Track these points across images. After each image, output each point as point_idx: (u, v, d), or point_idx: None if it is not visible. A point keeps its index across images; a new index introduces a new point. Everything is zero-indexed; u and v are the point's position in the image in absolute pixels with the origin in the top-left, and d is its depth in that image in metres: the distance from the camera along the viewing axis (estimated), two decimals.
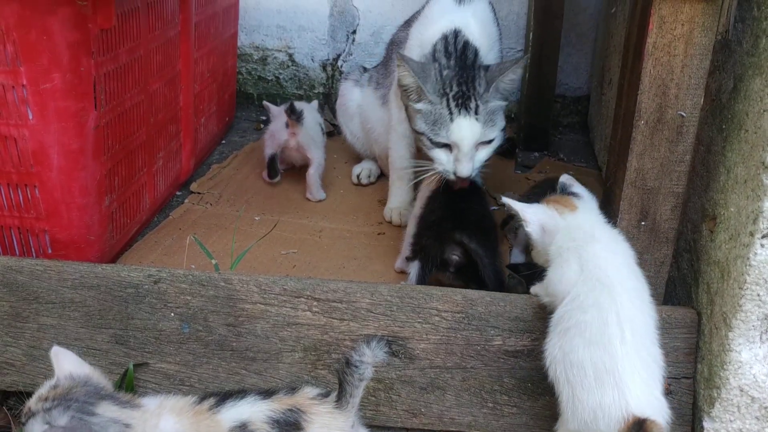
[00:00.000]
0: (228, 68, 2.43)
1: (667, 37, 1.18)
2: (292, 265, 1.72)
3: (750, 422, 1.19)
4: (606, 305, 1.07)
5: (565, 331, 1.09)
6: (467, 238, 1.47)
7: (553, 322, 1.13)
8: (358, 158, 2.30)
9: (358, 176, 2.20)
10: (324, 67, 2.81)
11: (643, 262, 1.31)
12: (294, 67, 2.82)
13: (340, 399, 1.08)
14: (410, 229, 1.66)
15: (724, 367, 1.18)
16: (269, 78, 2.84)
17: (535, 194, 1.71)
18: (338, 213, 2.01)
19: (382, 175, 2.23)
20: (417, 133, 1.63)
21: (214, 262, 1.54)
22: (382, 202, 2.07)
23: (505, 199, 1.25)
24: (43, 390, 1.04)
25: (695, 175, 1.36)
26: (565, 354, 1.08)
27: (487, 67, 1.60)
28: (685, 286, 1.37)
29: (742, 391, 1.18)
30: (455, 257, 1.48)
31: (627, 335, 1.05)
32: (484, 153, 1.59)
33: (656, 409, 1.04)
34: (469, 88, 1.56)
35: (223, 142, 2.49)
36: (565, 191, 1.29)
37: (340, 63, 2.79)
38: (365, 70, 2.23)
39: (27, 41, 1.32)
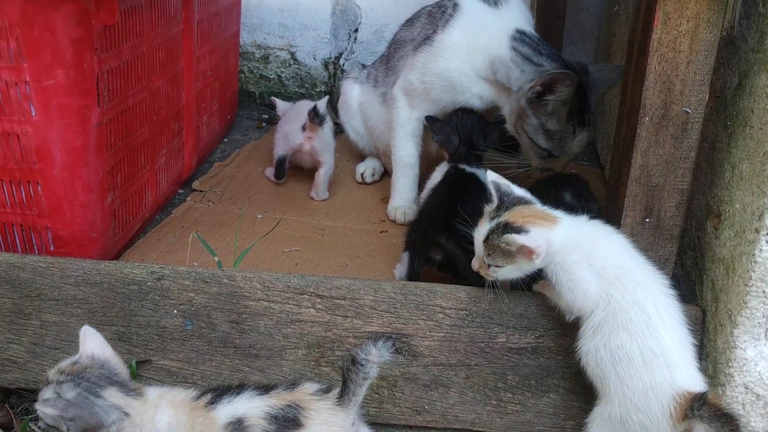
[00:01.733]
0: (230, 66, 2.43)
1: (672, 33, 1.17)
2: (294, 263, 1.71)
3: (755, 420, 1.19)
4: (643, 299, 1.11)
5: (610, 332, 1.12)
6: (445, 240, 1.47)
7: (591, 328, 1.14)
8: (360, 156, 2.29)
9: (362, 175, 2.20)
10: (326, 66, 2.81)
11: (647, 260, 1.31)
12: (296, 66, 2.82)
13: (343, 396, 1.08)
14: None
15: (729, 364, 1.18)
16: (271, 76, 2.84)
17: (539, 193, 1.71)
18: (341, 211, 2.01)
19: (386, 173, 2.23)
20: (538, 148, 1.65)
21: (216, 259, 1.54)
22: (385, 200, 2.07)
23: (514, 237, 1.15)
24: (64, 363, 1.10)
25: (699, 172, 1.35)
26: (613, 352, 1.11)
27: (586, 70, 1.62)
28: (690, 284, 1.36)
29: (747, 388, 1.18)
30: (437, 257, 1.50)
31: (666, 320, 1.11)
32: None
33: (698, 383, 1.09)
34: (584, 101, 1.59)
35: (225, 140, 2.49)
36: (510, 197, 1.23)
37: (342, 61, 2.79)
38: (363, 67, 2.23)
39: (30, 37, 1.32)
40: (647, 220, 1.29)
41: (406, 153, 1.88)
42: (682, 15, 1.16)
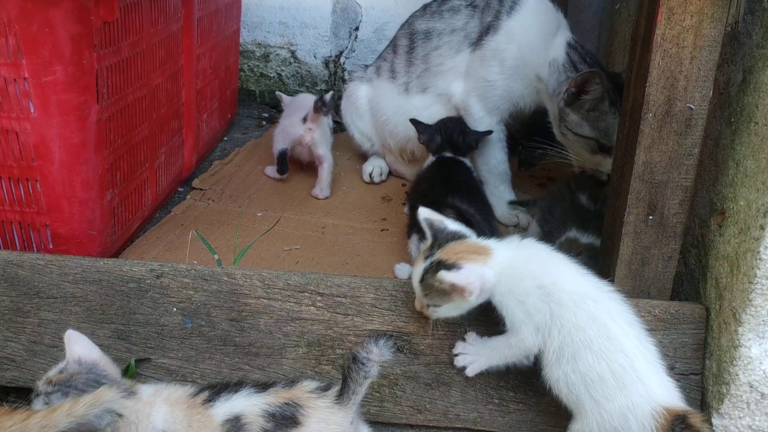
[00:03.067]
0: (230, 65, 2.42)
1: (675, 28, 1.16)
2: (295, 261, 1.70)
3: (760, 418, 1.18)
4: (597, 312, 1.09)
5: (573, 355, 1.08)
6: (458, 201, 1.55)
7: (552, 355, 1.10)
8: (362, 156, 2.29)
9: (370, 174, 2.19)
10: (326, 64, 2.80)
11: (650, 257, 1.30)
12: (296, 64, 2.81)
13: (342, 395, 1.07)
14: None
15: (734, 362, 1.17)
16: (271, 75, 2.83)
17: (554, 204, 1.70)
18: (341, 209, 2.00)
19: (390, 174, 2.23)
20: (585, 139, 1.73)
21: (216, 257, 1.53)
22: (386, 198, 2.07)
23: (444, 275, 1.10)
24: (51, 372, 1.08)
25: (703, 170, 1.34)
26: (583, 375, 1.07)
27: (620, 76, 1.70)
28: (693, 282, 1.35)
29: (751, 387, 1.17)
30: (452, 218, 1.51)
31: (625, 329, 1.09)
32: None
33: (671, 391, 1.07)
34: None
35: (225, 138, 2.48)
36: (443, 233, 1.18)
37: (342, 60, 2.79)
38: (366, 67, 2.22)
39: (29, 33, 1.31)
40: (650, 217, 1.28)
41: (497, 161, 1.90)
42: (686, 10, 1.15)
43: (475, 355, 1.22)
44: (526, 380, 1.27)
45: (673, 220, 1.27)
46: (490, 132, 1.87)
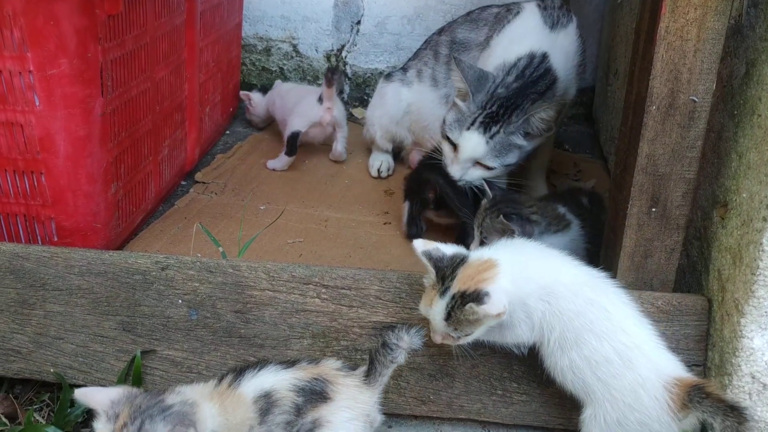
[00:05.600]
0: (232, 58, 2.42)
1: (679, 21, 1.17)
2: (298, 254, 1.71)
3: (762, 409, 1.19)
4: (594, 296, 1.11)
5: (575, 341, 1.10)
6: (434, 175, 1.70)
7: (554, 344, 1.12)
8: (366, 149, 2.29)
9: (378, 170, 2.19)
10: (328, 58, 2.80)
11: (653, 249, 1.31)
12: (298, 58, 2.81)
13: (369, 375, 1.09)
14: None
15: (736, 353, 1.18)
16: (273, 69, 2.83)
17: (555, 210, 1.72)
18: (344, 202, 2.00)
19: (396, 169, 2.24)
20: (443, 122, 1.73)
21: (221, 249, 1.54)
22: (388, 192, 2.07)
23: (480, 309, 1.06)
24: (100, 427, 1.00)
25: (705, 162, 1.35)
26: (588, 359, 1.09)
27: (535, 99, 1.65)
28: (695, 274, 1.36)
29: (753, 378, 1.18)
30: (431, 195, 1.73)
31: (623, 309, 1.11)
32: (477, 174, 1.68)
33: (677, 363, 1.10)
34: (505, 114, 1.63)
35: (228, 132, 2.48)
36: (444, 261, 1.13)
37: (344, 54, 2.78)
38: (405, 70, 2.17)
39: (34, 26, 1.31)
40: (653, 209, 1.28)
41: None
42: (690, 3, 1.15)
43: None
44: (530, 371, 1.28)
45: (676, 212, 1.28)
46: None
